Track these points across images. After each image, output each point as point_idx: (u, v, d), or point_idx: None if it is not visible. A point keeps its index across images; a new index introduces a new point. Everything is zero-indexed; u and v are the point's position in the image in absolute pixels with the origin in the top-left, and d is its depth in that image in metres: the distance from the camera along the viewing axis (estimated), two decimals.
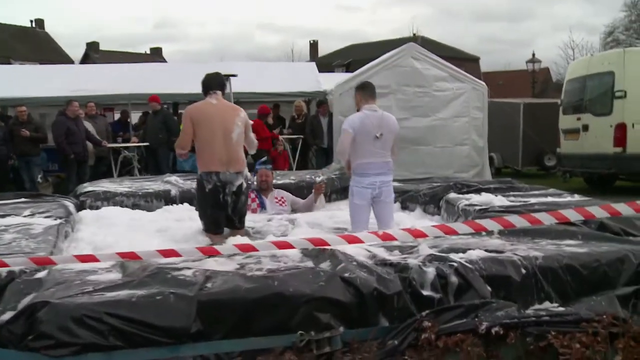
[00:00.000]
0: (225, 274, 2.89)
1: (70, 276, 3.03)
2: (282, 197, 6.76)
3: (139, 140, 11.27)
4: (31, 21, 40.98)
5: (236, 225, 5.41)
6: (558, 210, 3.65)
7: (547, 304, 3.01)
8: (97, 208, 6.21)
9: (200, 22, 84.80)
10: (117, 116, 14.39)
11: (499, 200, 5.13)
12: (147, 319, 2.55)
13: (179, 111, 11.97)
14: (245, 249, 3.31)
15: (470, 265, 3.02)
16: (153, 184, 6.83)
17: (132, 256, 3.15)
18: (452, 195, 5.62)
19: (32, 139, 10.09)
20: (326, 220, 5.84)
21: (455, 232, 3.59)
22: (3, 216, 4.92)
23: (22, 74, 14.02)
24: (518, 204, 4.97)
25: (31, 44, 37.16)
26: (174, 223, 5.64)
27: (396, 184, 6.88)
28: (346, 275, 2.87)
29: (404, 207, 6.43)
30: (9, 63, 25.98)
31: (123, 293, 2.68)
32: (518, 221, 3.60)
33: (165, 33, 77.56)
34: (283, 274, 2.84)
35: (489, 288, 2.97)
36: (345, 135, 4.98)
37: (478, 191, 5.57)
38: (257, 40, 75.56)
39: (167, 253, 3.19)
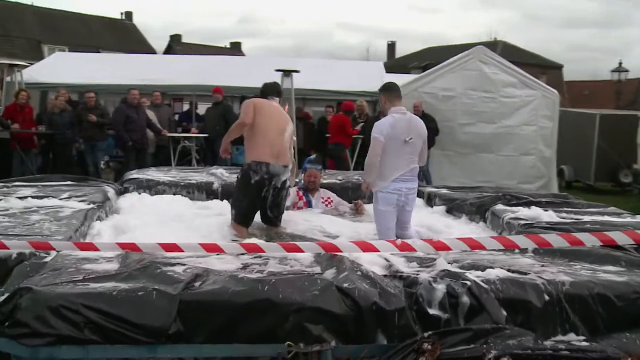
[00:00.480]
0: (218, 273, 2.73)
1: (69, 263, 2.97)
2: (329, 198, 6.62)
3: (198, 132, 11.39)
4: (121, 13, 42.82)
5: (274, 222, 5.35)
6: (603, 232, 3.29)
7: (571, 336, 2.66)
8: None
9: (281, 19, 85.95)
10: (185, 107, 14.65)
11: (547, 216, 4.71)
12: (124, 314, 2.42)
13: None
14: (251, 249, 3.15)
15: (485, 286, 2.71)
16: (197, 175, 6.81)
17: (132, 247, 3.06)
18: (499, 206, 5.22)
19: (99, 124, 10.42)
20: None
21: (482, 247, 3.28)
22: (41, 197, 5.00)
23: (99, 61, 14.56)
24: (568, 221, 4.55)
25: (119, 35, 38.69)
26: (208, 220, 5.53)
27: (444, 191, 6.57)
28: (345, 285, 2.63)
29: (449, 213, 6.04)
30: (98, 52, 27.11)
31: (107, 285, 2.58)
32: (555, 240, 3.25)
33: (247, 28, 79.17)
34: (276, 279, 2.64)
35: (504, 312, 2.66)
36: (376, 144, 4.69)
37: (528, 204, 5.14)
38: (336, 39, 75.77)
39: (168, 247, 3.08)
